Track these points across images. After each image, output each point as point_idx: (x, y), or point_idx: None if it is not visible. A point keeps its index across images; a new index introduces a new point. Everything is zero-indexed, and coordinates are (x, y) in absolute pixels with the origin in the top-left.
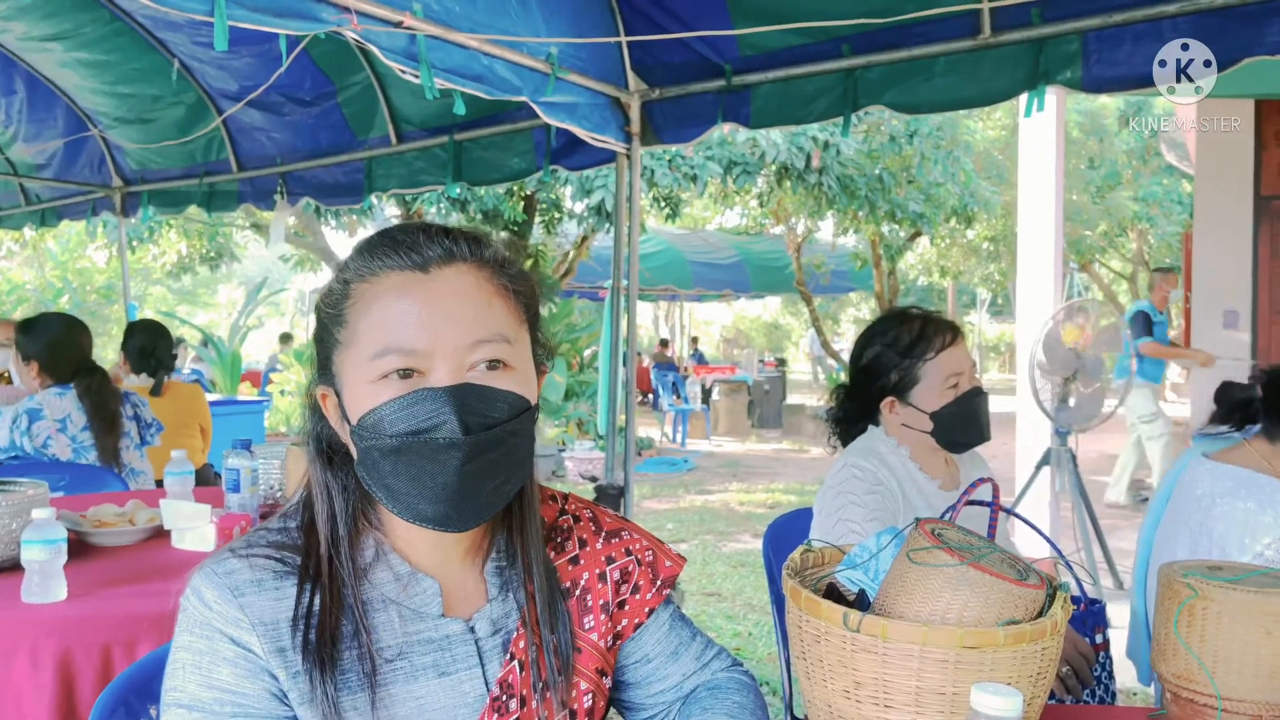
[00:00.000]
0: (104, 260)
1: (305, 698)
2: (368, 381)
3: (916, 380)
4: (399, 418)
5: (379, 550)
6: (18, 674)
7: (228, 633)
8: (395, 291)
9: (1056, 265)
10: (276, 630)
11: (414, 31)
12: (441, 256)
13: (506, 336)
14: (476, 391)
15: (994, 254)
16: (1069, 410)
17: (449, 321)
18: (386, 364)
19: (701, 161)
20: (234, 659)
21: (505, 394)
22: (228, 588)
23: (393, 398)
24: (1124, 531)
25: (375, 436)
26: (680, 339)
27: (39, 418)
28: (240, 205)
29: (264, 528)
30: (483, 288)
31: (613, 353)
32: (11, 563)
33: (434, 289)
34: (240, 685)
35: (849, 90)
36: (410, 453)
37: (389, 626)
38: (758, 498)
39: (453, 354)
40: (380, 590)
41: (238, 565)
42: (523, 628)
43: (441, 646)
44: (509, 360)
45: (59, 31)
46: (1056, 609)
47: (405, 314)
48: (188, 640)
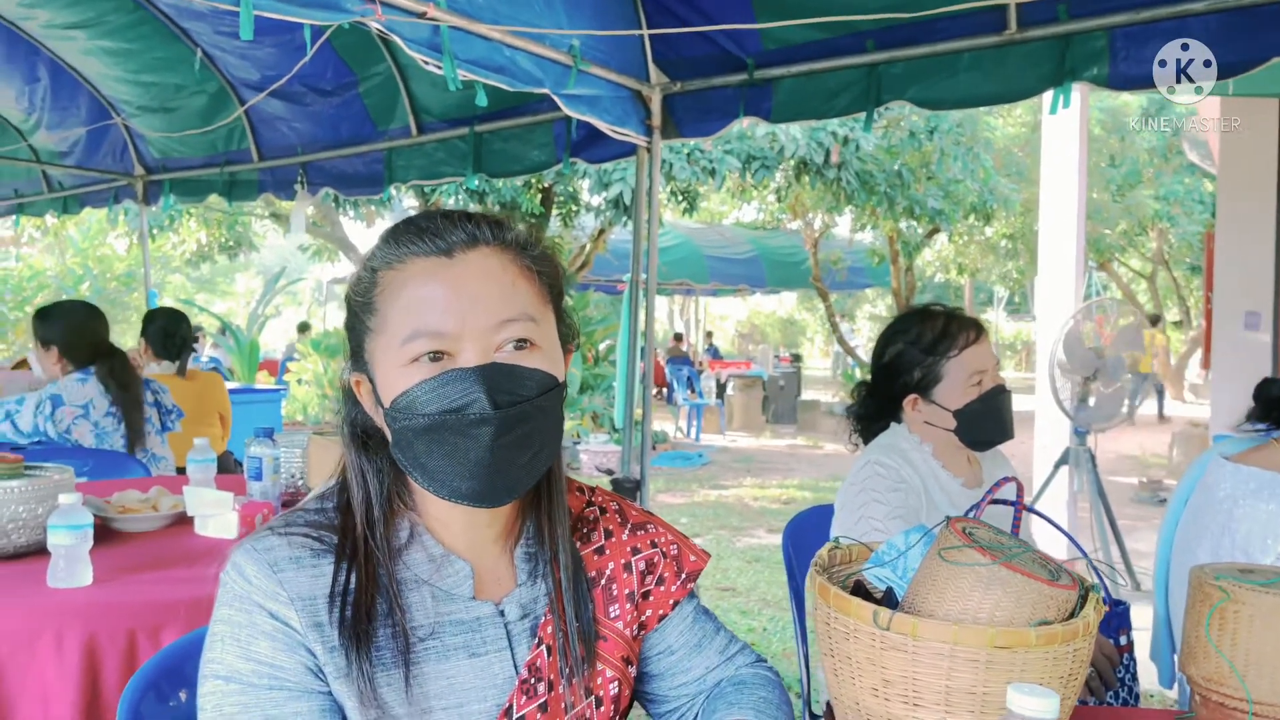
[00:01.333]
0: (124, 248)
1: (341, 672)
2: (399, 366)
3: (940, 378)
4: (431, 398)
5: (413, 531)
6: (43, 658)
7: (266, 607)
8: (421, 277)
9: (1078, 264)
10: (314, 605)
11: (437, 22)
12: (465, 241)
13: (532, 316)
14: (505, 370)
15: (1012, 251)
16: (1088, 410)
17: (475, 303)
18: (416, 347)
19: (720, 155)
20: (272, 632)
21: (533, 372)
22: (267, 563)
23: (424, 379)
24: (1141, 532)
25: (408, 418)
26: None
27: (62, 404)
28: (260, 195)
29: (302, 508)
30: (506, 269)
31: (630, 346)
32: (38, 547)
33: (458, 273)
34: (277, 658)
35: (872, 86)
36: (443, 430)
37: (422, 606)
38: (772, 493)
39: (480, 335)
40: (414, 571)
41: (277, 542)
42: (550, 613)
43: (472, 628)
44: (535, 339)
45: (82, 20)
46: (1089, 610)
47: (432, 298)
48: (227, 614)
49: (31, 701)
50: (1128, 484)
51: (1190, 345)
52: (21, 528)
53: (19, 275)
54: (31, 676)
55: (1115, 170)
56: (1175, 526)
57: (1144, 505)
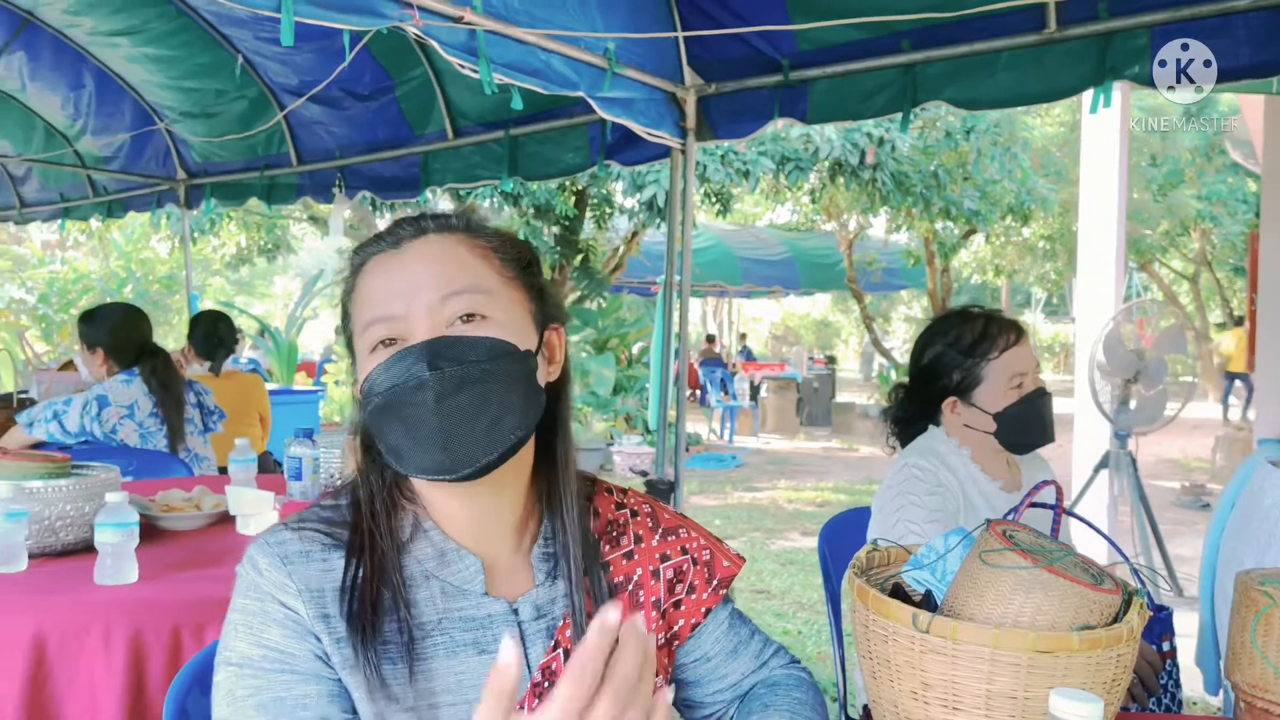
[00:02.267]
0: (166, 251)
1: (348, 663)
2: (364, 357)
3: (979, 380)
4: (383, 379)
5: (418, 524)
6: (90, 653)
7: (277, 596)
8: (375, 271)
9: (1118, 265)
10: (321, 597)
11: (474, 27)
12: (412, 233)
13: (481, 288)
14: (447, 340)
15: (1050, 253)
16: (1129, 413)
17: (419, 282)
18: (373, 334)
19: (754, 157)
20: (283, 620)
21: (479, 339)
22: (278, 556)
23: (378, 362)
24: (1184, 537)
25: (369, 400)
26: (729, 335)
27: (107, 404)
28: (299, 198)
29: (317, 505)
30: (454, 250)
31: (664, 348)
32: (85, 545)
33: (405, 259)
34: (288, 645)
35: (908, 86)
36: (394, 406)
37: (430, 601)
38: (806, 495)
39: (426, 312)
40: (422, 565)
41: (289, 536)
42: (569, 616)
43: (483, 625)
44: (486, 311)
45: (127, 27)
46: (1133, 615)
47: (382, 286)
48: (241, 604)
49: (79, 695)
50: (1169, 488)
51: None
52: (69, 525)
53: (64, 278)
54: (79, 671)
55: (1156, 170)
56: (1221, 532)
57: (1186, 510)
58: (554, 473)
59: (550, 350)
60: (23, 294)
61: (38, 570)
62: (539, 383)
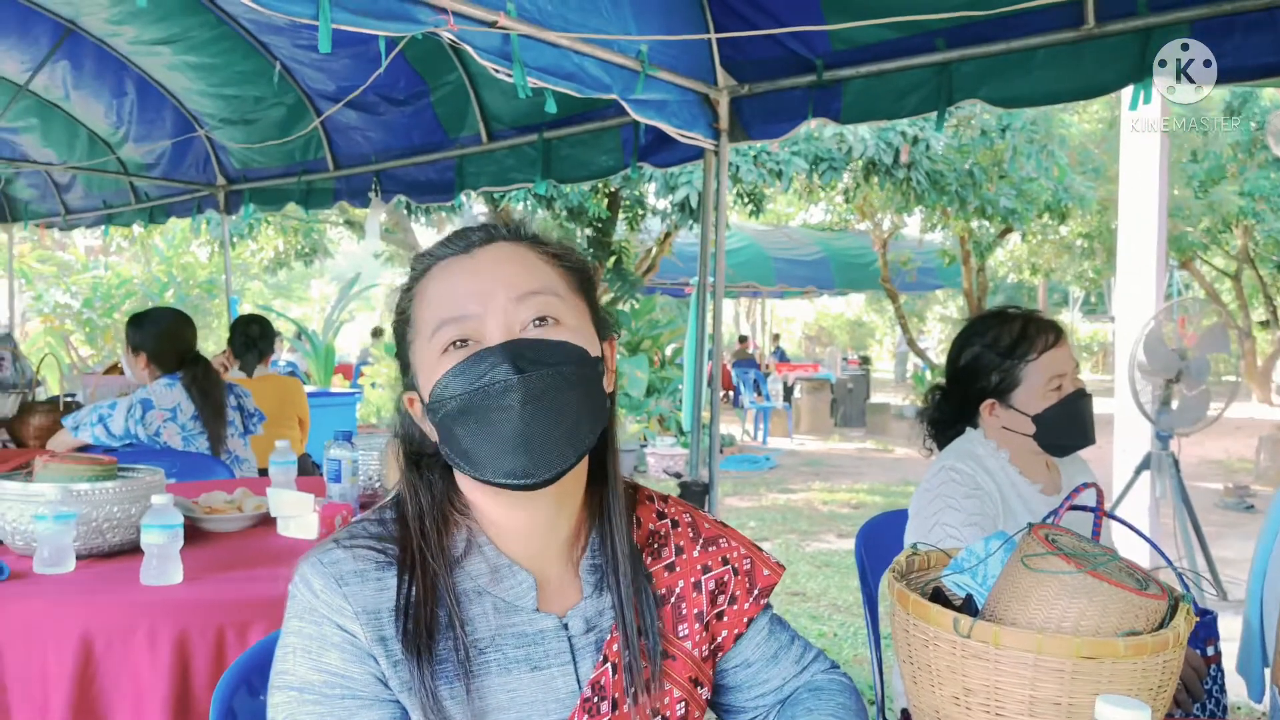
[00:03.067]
0: (206, 256)
1: (405, 685)
2: (433, 360)
3: (1018, 382)
4: (460, 381)
5: (472, 540)
6: (136, 653)
7: (334, 619)
8: (444, 274)
9: (1158, 263)
10: (378, 619)
11: (508, 31)
12: (483, 238)
13: (554, 290)
14: (528, 343)
15: (1088, 251)
16: (1171, 413)
17: (494, 284)
18: (444, 336)
19: (787, 157)
20: (341, 644)
21: (558, 343)
22: (333, 577)
23: (454, 364)
24: (1227, 540)
25: (443, 404)
26: (762, 336)
27: (152, 407)
28: (336, 203)
29: (364, 519)
30: (526, 256)
31: (698, 349)
32: (131, 546)
33: (477, 263)
34: (348, 669)
35: (943, 85)
36: (475, 409)
37: (484, 618)
38: (841, 497)
39: (501, 312)
40: (475, 581)
41: (342, 555)
42: (616, 630)
43: (535, 641)
44: (559, 316)
45: (168, 35)
46: (1179, 620)
47: (454, 288)
48: (297, 626)
49: (126, 694)
50: (1212, 490)
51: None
52: (116, 527)
53: (108, 283)
54: (126, 671)
55: (1197, 166)
56: (1276, 537)
57: (1230, 512)
58: (603, 484)
59: (608, 361)
60: (68, 299)
61: (85, 571)
62: (604, 390)
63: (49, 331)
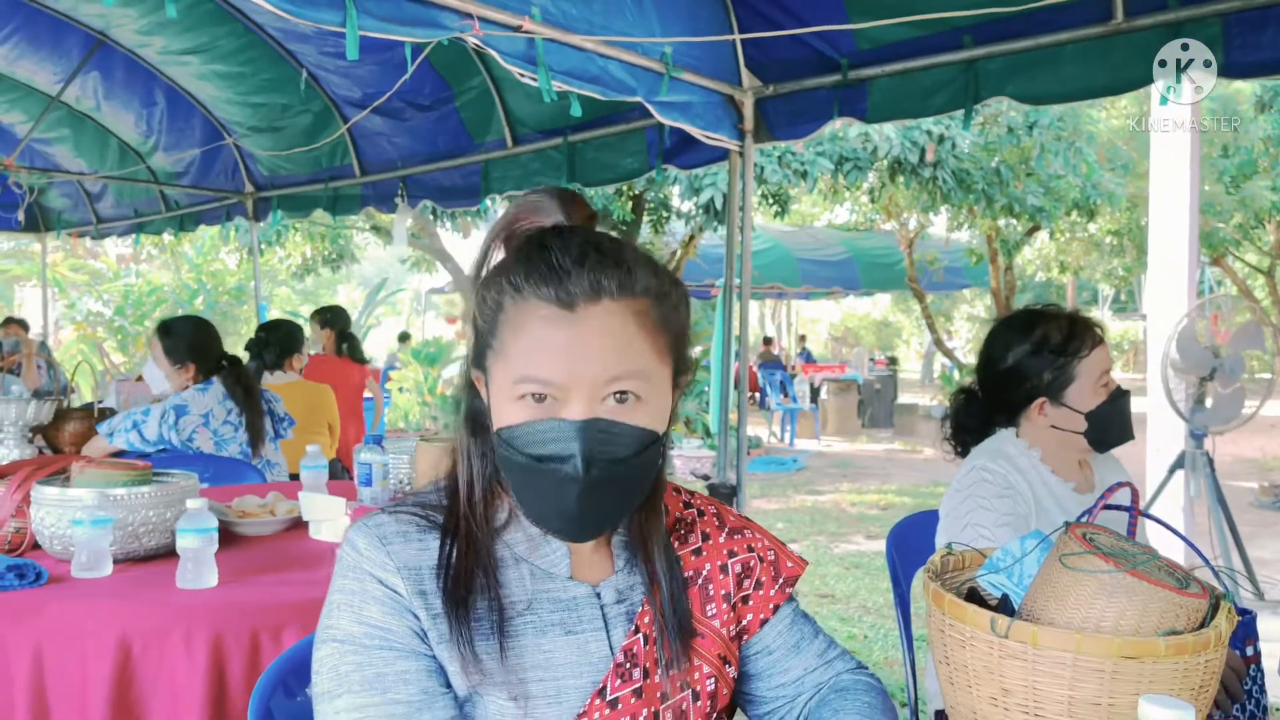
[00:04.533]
0: (235, 263)
1: (444, 637)
2: (509, 398)
3: (1072, 379)
4: (531, 440)
5: (513, 513)
6: (173, 655)
7: (375, 574)
8: (540, 324)
9: (1190, 259)
10: (418, 575)
11: (532, 35)
12: (588, 293)
13: (643, 372)
14: (604, 427)
15: (1118, 248)
16: (1205, 411)
17: (587, 360)
18: (525, 388)
19: (812, 157)
20: (381, 598)
21: (632, 430)
22: (376, 537)
23: (528, 419)
24: (1264, 539)
25: (509, 449)
26: (788, 337)
27: (185, 413)
28: (362, 208)
29: (417, 492)
30: (626, 325)
31: (724, 351)
32: (166, 550)
33: (578, 330)
34: (387, 621)
35: (970, 82)
36: (536, 475)
37: (520, 582)
38: (869, 498)
39: (587, 388)
40: (513, 549)
41: (386, 519)
42: (647, 604)
43: (569, 607)
44: (642, 394)
45: (196, 45)
46: (1220, 620)
47: (547, 348)
48: (342, 584)
49: (163, 695)
50: (1248, 488)
51: None
52: (152, 531)
53: (139, 291)
54: (163, 673)
55: (1228, 161)
56: None
57: (1266, 511)
58: None
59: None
60: (100, 307)
61: (122, 575)
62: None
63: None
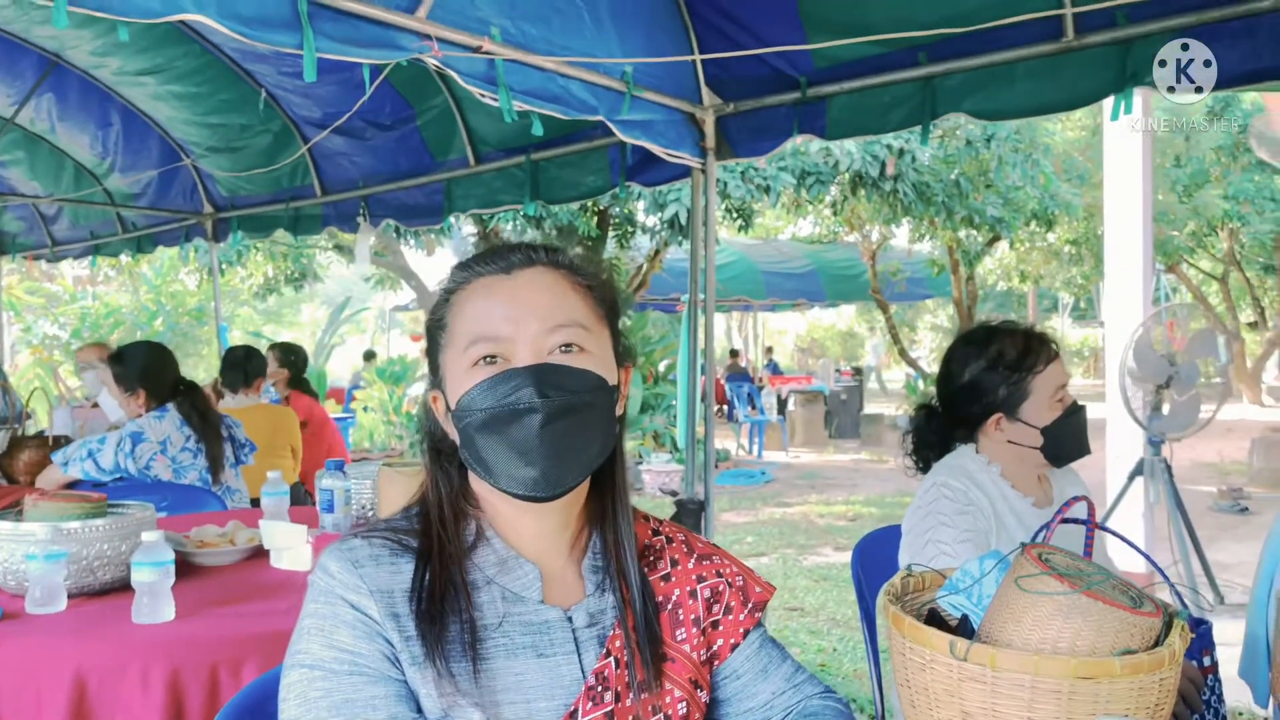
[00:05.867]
0: (195, 284)
1: (417, 659)
2: (464, 370)
3: (1027, 395)
4: (488, 395)
5: (481, 533)
6: (128, 693)
7: (348, 598)
8: (483, 291)
9: (1145, 267)
10: (391, 597)
11: (492, 56)
12: (522, 261)
13: (582, 323)
14: (553, 368)
15: (1076, 257)
16: (1162, 418)
17: (529, 311)
18: (476, 351)
19: (774, 172)
20: (352, 622)
21: (580, 371)
22: (349, 560)
23: (482, 379)
24: (1223, 543)
25: (469, 414)
26: (754, 349)
27: (142, 440)
28: (324, 228)
29: (389, 518)
30: (559, 283)
31: (690, 365)
32: (122, 584)
33: (516, 286)
34: (358, 646)
35: (927, 99)
36: (498, 422)
37: (491, 605)
38: (837, 510)
39: (532, 339)
40: (483, 571)
41: (359, 544)
42: (618, 628)
43: (540, 630)
44: (585, 345)
45: (152, 66)
46: (1174, 638)
47: (491, 308)
48: (313, 608)
49: None
50: (1206, 493)
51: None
52: (107, 565)
53: (96, 313)
54: (119, 710)
55: (1181, 170)
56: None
57: (1225, 515)
58: (608, 493)
59: (623, 387)
60: (56, 330)
61: (76, 610)
62: (615, 415)
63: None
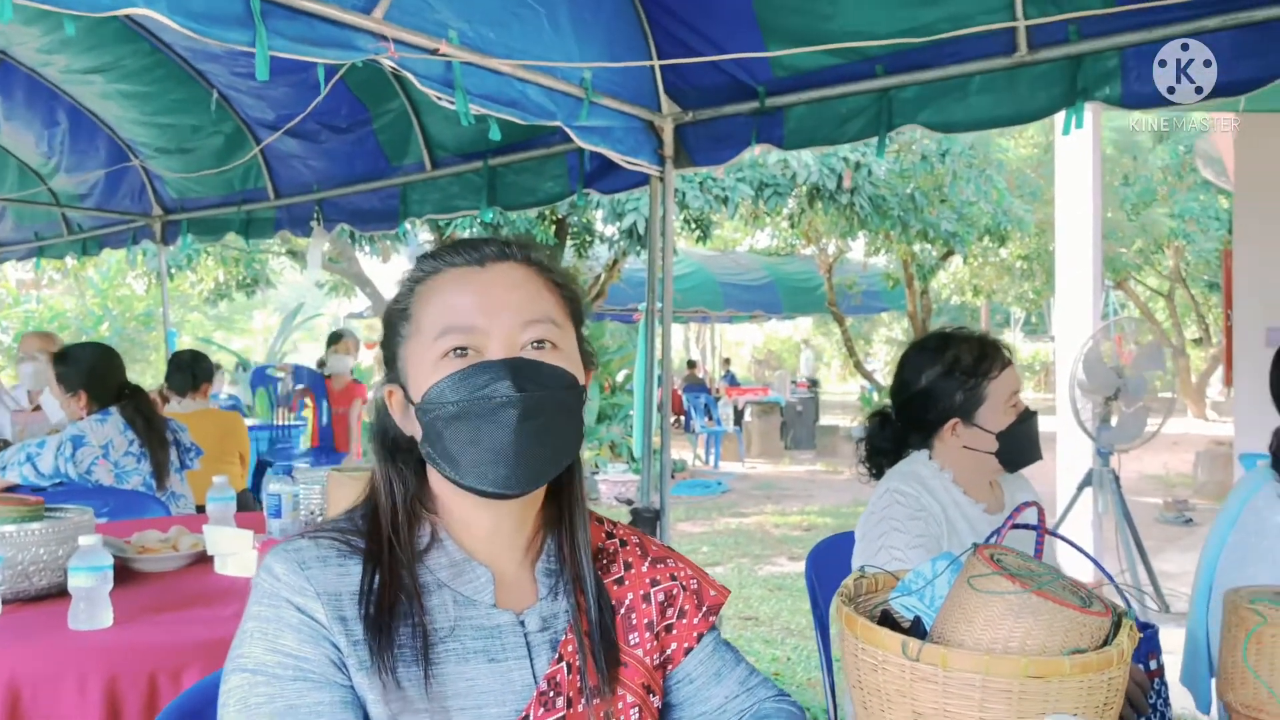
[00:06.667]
0: (143, 288)
1: (364, 664)
2: (431, 362)
3: (982, 400)
4: (459, 387)
5: (435, 535)
6: (65, 700)
7: (293, 601)
8: (455, 282)
9: (1095, 283)
10: (338, 600)
11: (449, 59)
12: (496, 254)
13: (554, 320)
14: (529, 363)
15: (1028, 272)
16: (1111, 430)
17: (502, 304)
18: (447, 342)
19: (733, 183)
20: (298, 625)
21: (554, 368)
22: (295, 562)
23: (454, 371)
24: (1168, 553)
25: (438, 407)
26: (712, 360)
27: (83, 444)
28: (277, 232)
29: (333, 520)
30: (533, 280)
31: (648, 375)
32: (59, 589)
33: (489, 279)
34: (302, 650)
35: (883, 110)
36: (470, 415)
37: (443, 609)
38: (793, 520)
39: (505, 333)
40: (435, 575)
41: (305, 544)
42: (571, 632)
43: (492, 635)
44: (556, 342)
45: (100, 64)
46: (1123, 637)
47: (464, 299)
48: (257, 610)
49: None
50: (1152, 504)
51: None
52: (43, 570)
53: (40, 317)
54: (55, 718)
55: (1129, 189)
56: (1220, 549)
57: (1170, 525)
58: (564, 497)
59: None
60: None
61: (11, 616)
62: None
63: None
